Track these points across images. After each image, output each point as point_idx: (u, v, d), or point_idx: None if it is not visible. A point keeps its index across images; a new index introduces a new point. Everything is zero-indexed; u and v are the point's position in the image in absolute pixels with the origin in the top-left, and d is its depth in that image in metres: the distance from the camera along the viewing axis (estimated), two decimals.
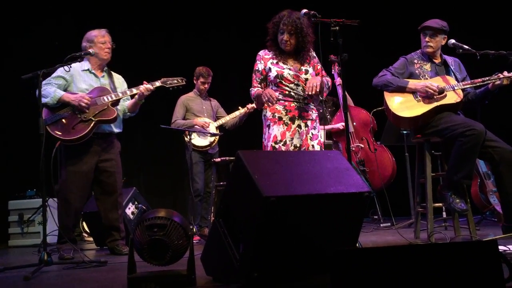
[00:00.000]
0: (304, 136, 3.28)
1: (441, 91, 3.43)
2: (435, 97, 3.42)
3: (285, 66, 3.28)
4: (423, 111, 3.41)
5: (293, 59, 3.33)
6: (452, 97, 3.43)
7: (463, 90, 3.48)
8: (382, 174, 5.19)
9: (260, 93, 3.25)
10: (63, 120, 3.61)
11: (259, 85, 3.34)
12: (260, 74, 3.33)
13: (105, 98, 3.68)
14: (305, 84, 3.25)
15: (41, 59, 4.37)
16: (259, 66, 3.34)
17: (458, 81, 3.51)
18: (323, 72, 3.38)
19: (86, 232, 5.56)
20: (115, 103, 3.75)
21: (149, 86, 3.77)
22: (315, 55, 3.41)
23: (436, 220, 3.80)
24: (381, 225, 4.99)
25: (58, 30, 6.02)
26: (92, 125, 3.62)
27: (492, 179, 4.57)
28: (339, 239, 2.19)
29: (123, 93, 3.76)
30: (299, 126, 3.27)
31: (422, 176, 3.60)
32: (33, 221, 5.31)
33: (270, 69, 3.28)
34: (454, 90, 3.44)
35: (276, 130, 3.25)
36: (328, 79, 3.38)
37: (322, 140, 3.40)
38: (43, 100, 3.59)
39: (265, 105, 3.29)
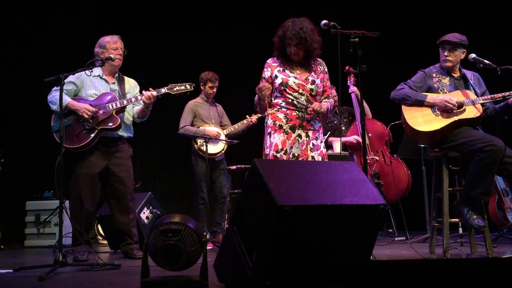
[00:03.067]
0: (304, 146, 3.25)
1: (460, 106, 3.40)
2: (454, 111, 3.39)
3: (291, 74, 3.28)
4: (442, 125, 3.38)
5: (300, 67, 3.32)
6: (471, 112, 3.40)
7: (482, 105, 3.44)
8: (397, 187, 5.14)
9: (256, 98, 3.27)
10: (68, 127, 3.64)
11: None
12: (266, 81, 3.32)
13: (109, 105, 3.71)
14: (310, 94, 3.26)
15: (62, 62, 4.46)
16: (266, 73, 3.34)
17: (477, 96, 3.48)
18: (332, 91, 3.38)
19: (100, 235, 5.61)
20: (120, 110, 3.77)
21: (152, 93, 3.73)
22: (326, 70, 3.39)
23: (452, 235, 3.74)
24: (396, 239, 4.94)
25: (79, 33, 6.13)
26: (95, 133, 3.66)
27: (511, 196, 4.50)
28: (353, 250, 2.18)
29: (127, 101, 3.77)
30: (299, 135, 3.25)
31: (438, 191, 3.57)
32: (49, 222, 5.38)
33: (276, 76, 3.29)
34: (473, 104, 3.41)
35: (277, 139, 3.24)
36: (331, 101, 3.37)
37: (324, 151, 3.35)
38: (52, 107, 3.68)
39: (267, 112, 3.31)
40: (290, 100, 3.26)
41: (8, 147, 5.28)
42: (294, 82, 3.25)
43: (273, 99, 3.35)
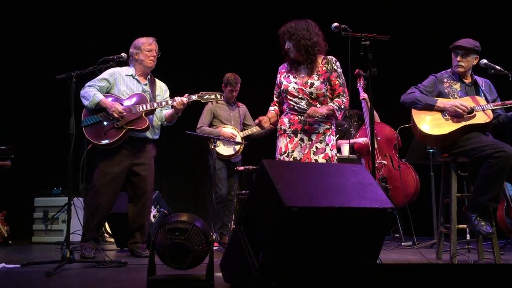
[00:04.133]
0: (307, 149, 3.27)
1: (471, 111, 3.39)
2: (464, 116, 3.37)
3: (293, 80, 3.31)
4: (451, 129, 3.37)
5: (305, 70, 3.32)
6: (481, 117, 3.38)
7: (493, 111, 3.42)
8: (405, 192, 5.12)
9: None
10: (98, 124, 3.74)
11: (277, 99, 3.46)
12: (278, 87, 3.43)
13: (140, 107, 3.77)
14: (310, 98, 3.26)
15: (75, 59, 4.50)
16: (277, 80, 3.43)
17: (488, 102, 3.46)
18: (343, 89, 3.30)
19: (108, 233, 5.64)
20: (150, 112, 3.83)
21: (184, 99, 3.80)
22: (335, 67, 3.29)
23: (459, 242, 3.72)
24: (403, 243, 4.91)
25: (91, 33, 6.18)
26: (123, 132, 3.72)
27: None
28: (360, 254, 2.17)
29: (158, 104, 3.83)
30: (301, 139, 3.29)
31: (447, 196, 3.55)
32: (57, 219, 5.40)
33: (281, 83, 3.36)
34: (483, 110, 3.39)
35: (281, 142, 3.33)
36: (343, 99, 3.28)
37: (331, 153, 3.29)
38: (84, 102, 3.74)
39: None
40: (292, 106, 3.31)
41: (17, 143, 5.31)
42: (294, 88, 3.29)
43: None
